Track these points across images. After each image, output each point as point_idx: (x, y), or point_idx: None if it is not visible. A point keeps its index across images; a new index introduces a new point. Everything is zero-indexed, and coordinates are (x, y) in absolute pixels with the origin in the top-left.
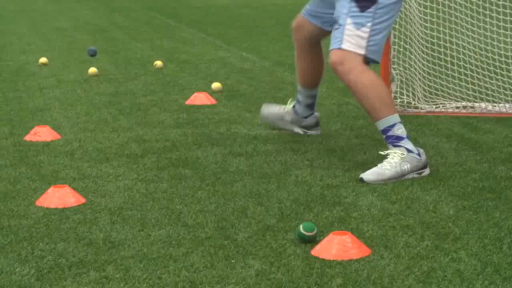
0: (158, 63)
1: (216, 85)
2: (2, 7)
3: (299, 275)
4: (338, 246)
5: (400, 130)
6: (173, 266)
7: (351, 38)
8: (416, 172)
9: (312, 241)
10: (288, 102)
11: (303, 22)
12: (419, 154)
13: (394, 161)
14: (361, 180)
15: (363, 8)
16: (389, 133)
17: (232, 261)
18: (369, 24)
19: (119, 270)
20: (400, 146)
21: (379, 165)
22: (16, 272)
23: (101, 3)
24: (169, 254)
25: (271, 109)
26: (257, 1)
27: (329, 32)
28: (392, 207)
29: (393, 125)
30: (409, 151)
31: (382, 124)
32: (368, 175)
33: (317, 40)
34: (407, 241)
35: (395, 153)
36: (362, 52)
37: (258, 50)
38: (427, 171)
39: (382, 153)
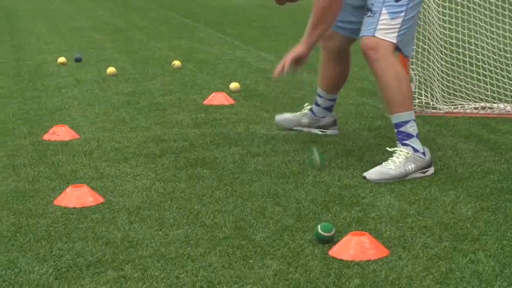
0: (176, 63)
1: (234, 85)
2: (20, 7)
3: (317, 275)
4: (356, 247)
5: (412, 128)
6: (191, 265)
7: (385, 26)
8: (420, 171)
9: (330, 241)
10: (304, 106)
11: (333, 33)
12: (424, 153)
13: (399, 161)
14: (364, 178)
15: None
16: (401, 129)
17: (250, 261)
18: (402, 14)
19: (137, 270)
20: (407, 145)
21: (383, 163)
22: (34, 271)
23: (119, 3)
24: (187, 253)
25: (285, 116)
26: (274, 2)
27: (356, 40)
28: (410, 207)
29: (407, 122)
30: (415, 150)
31: (397, 118)
32: (372, 173)
33: (346, 48)
34: (425, 242)
35: (401, 151)
36: (394, 41)
37: (276, 50)
38: (431, 170)
39: (389, 149)
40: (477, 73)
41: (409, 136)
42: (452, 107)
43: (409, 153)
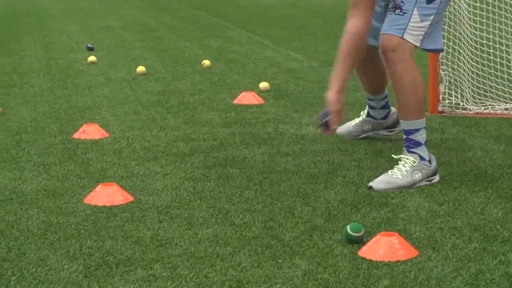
0: (206, 62)
1: (263, 85)
2: (51, 6)
3: (346, 275)
4: (385, 247)
5: (421, 136)
6: (220, 265)
7: (414, 29)
8: (426, 180)
9: (359, 241)
10: (361, 113)
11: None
12: (430, 161)
13: (405, 169)
14: (370, 188)
15: (429, 0)
16: (411, 136)
17: (279, 260)
18: (432, 17)
19: (166, 269)
20: (414, 152)
21: (389, 172)
22: (64, 269)
23: (149, 3)
24: (216, 253)
25: (346, 127)
26: (304, 1)
27: None
28: (439, 208)
29: (417, 130)
30: (421, 158)
31: (407, 125)
32: (378, 183)
33: (377, 52)
34: (455, 243)
35: (407, 159)
36: (418, 44)
37: (305, 50)
38: (437, 178)
39: (394, 156)
40: (508, 74)
41: (418, 144)
42: (482, 107)
43: (415, 162)
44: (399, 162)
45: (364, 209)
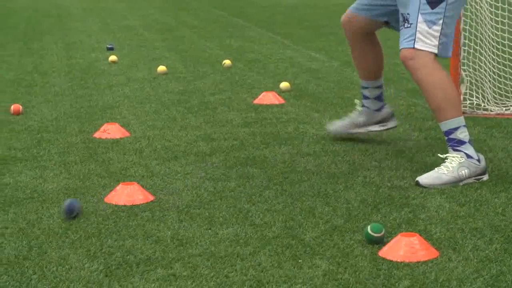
0: (227, 62)
1: (284, 85)
2: (73, 5)
3: (366, 276)
4: (406, 248)
5: (463, 134)
6: (240, 264)
7: (424, 37)
8: (474, 178)
9: (379, 242)
10: (356, 106)
11: (353, 16)
12: (478, 160)
13: (452, 166)
14: (417, 183)
15: (433, 5)
16: (451, 136)
17: (299, 261)
18: (440, 21)
19: (187, 268)
20: (460, 151)
21: (436, 168)
22: (85, 268)
23: (170, 2)
24: (237, 252)
25: (337, 123)
26: (324, 1)
27: (382, 24)
28: (460, 209)
29: (456, 128)
30: (468, 156)
31: (445, 126)
32: (424, 178)
33: (371, 31)
34: (476, 244)
35: (453, 157)
36: (435, 50)
37: (326, 50)
38: (485, 177)
39: (441, 155)
40: None
41: (461, 142)
42: (504, 108)
43: (462, 159)
44: (445, 160)
45: (385, 209)
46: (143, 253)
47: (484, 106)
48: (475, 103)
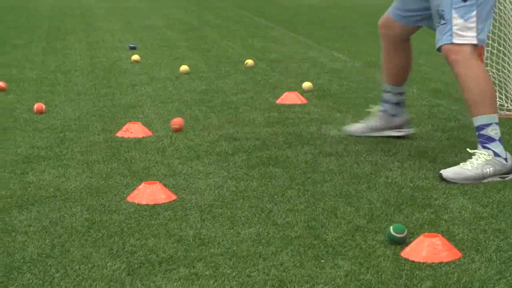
0: (249, 61)
1: (307, 85)
2: (96, 5)
3: (389, 276)
4: (428, 249)
5: (494, 132)
6: (263, 264)
7: (460, 31)
8: (499, 176)
9: (402, 242)
10: (372, 109)
11: (390, 21)
12: (506, 159)
13: (477, 162)
14: (440, 176)
15: None
16: (482, 132)
17: (322, 261)
18: (474, 12)
19: (209, 267)
20: (488, 148)
21: (461, 164)
22: (107, 267)
23: (192, 2)
24: (259, 252)
25: (355, 126)
26: (347, 1)
27: (418, 28)
28: (483, 210)
29: (488, 125)
30: (496, 154)
31: (477, 121)
32: (448, 172)
33: (407, 37)
34: (499, 245)
35: (481, 153)
36: (475, 42)
37: (348, 50)
38: (510, 176)
39: (469, 151)
40: None
41: (490, 139)
42: None
43: (489, 156)
44: (473, 156)
45: (407, 210)
46: (165, 252)
47: (507, 106)
48: (498, 104)
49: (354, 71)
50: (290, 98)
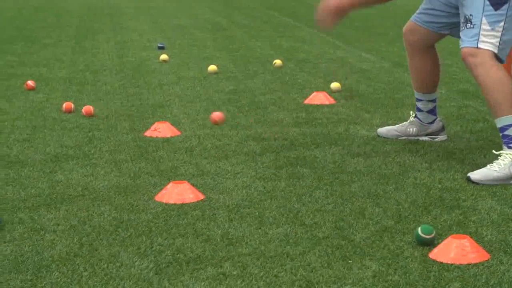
0: (277, 61)
1: (335, 85)
2: (124, 4)
3: (417, 277)
4: (456, 250)
5: None
6: (290, 264)
7: (486, 37)
8: None
9: (430, 244)
10: (410, 115)
11: (414, 27)
12: None
13: (504, 163)
14: (468, 178)
15: (497, 7)
16: (506, 132)
17: (349, 261)
18: (502, 23)
19: (236, 267)
20: None
21: (488, 165)
22: (135, 266)
23: (220, 2)
24: (286, 252)
25: (389, 128)
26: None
27: (441, 36)
28: None
29: (510, 125)
30: None
31: (500, 122)
32: (476, 174)
33: (431, 44)
34: None
35: (507, 154)
36: (495, 50)
37: (377, 50)
38: None
39: (495, 152)
40: None
41: None
42: None
43: None
44: (498, 157)
45: (435, 211)
46: (193, 252)
47: None
48: None
49: (383, 72)
50: (318, 98)
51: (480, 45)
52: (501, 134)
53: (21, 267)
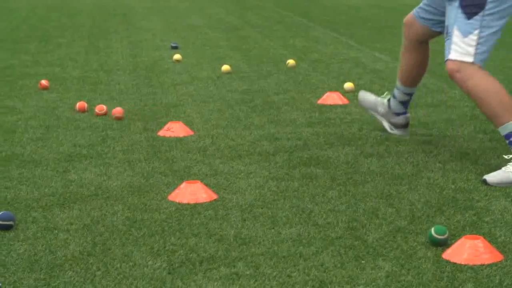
0: (291, 61)
1: (348, 85)
2: (138, 4)
3: (430, 278)
4: (469, 250)
5: None
6: (303, 264)
7: (458, 46)
8: None
9: (443, 244)
10: (384, 94)
11: (412, 20)
12: None
13: None
14: (484, 181)
15: (469, 15)
16: None
17: (362, 261)
18: (476, 31)
19: (249, 267)
20: None
21: (503, 168)
22: (148, 265)
23: (234, 2)
24: (299, 252)
25: (367, 96)
26: (388, 2)
27: (436, 34)
28: None
29: None
30: None
31: (504, 130)
32: (492, 177)
33: (426, 40)
34: None
35: None
36: (470, 59)
37: (390, 50)
38: None
39: (506, 157)
40: None
41: None
42: None
43: None
44: (511, 161)
45: (449, 211)
46: (206, 252)
47: None
48: None
49: (396, 72)
50: (331, 98)
51: (451, 56)
52: (507, 141)
53: (35, 266)
